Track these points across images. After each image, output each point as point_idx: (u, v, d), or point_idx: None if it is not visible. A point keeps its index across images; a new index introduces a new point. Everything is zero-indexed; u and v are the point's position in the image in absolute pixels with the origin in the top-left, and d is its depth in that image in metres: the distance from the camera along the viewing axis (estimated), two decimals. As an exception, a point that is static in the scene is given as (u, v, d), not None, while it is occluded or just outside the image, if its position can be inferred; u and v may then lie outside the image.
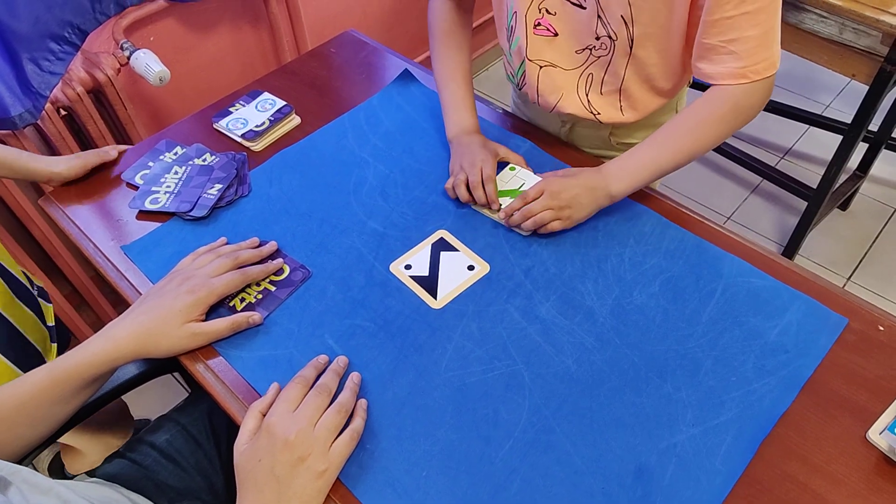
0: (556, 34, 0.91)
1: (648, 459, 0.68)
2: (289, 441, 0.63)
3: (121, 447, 0.92)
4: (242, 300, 0.83)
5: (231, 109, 1.11)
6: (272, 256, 0.88)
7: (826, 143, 2.20)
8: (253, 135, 1.05)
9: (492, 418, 0.72)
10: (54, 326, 1.07)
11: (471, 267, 0.86)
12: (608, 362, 0.76)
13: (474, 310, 0.82)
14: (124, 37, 1.38)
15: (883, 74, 1.45)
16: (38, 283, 1.10)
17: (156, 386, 0.92)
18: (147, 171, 1.01)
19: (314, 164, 1.02)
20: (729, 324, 0.79)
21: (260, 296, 0.84)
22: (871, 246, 1.99)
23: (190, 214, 0.93)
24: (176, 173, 0.99)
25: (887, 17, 1.34)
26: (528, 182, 0.94)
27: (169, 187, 0.97)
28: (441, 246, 0.89)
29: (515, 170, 0.96)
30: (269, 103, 1.11)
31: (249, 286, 0.84)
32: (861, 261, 1.95)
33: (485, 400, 0.73)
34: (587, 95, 0.96)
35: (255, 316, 0.80)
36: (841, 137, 1.62)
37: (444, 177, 0.98)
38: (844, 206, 2.07)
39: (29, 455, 0.75)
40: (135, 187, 0.99)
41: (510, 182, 0.95)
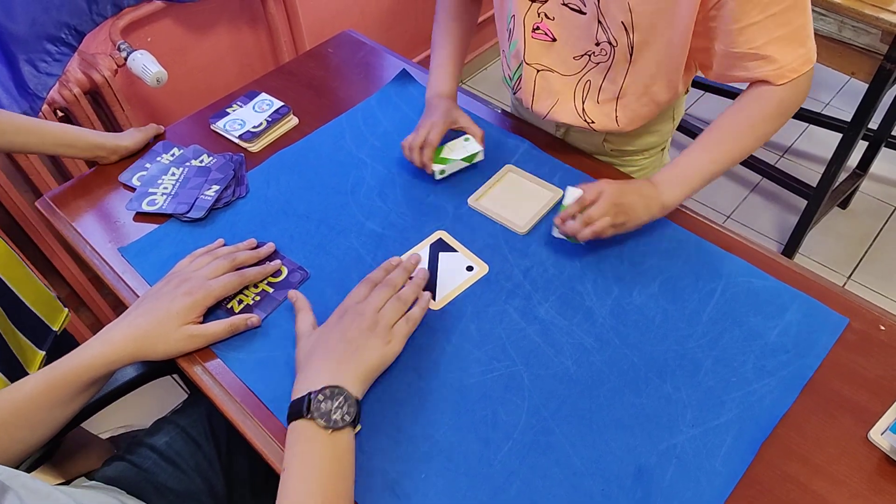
0: (555, 39, 0.90)
1: (648, 460, 0.68)
2: (361, 313, 0.72)
3: (120, 449, 0.91)
4: (240, 302, 0.83)
5: (228, 110, 1.10)
6: (270, 258, 0.88)
7: (826, 142, 2.20)
8: (250, 136, 1.05)
9: (491, 419, 0.72)
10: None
11: (469, 268, 0.86)
12: (607, 363, 0.76)
13: (473, 311, 0.82)
14: (121, 38, 1.38)
15: (882, 72, 1.44)
16: (56, 328, 1.08)
17: (155, 388, 0.92)
18: (144, 173, 1.00)
19: (312, 165, 1.01)
20: (729, 324, 0.79)
21: (258, 297, 0.83)
22: (872, 244, 1.99)
23: (187, 216, 0.93)
24: (173, 175, 0.99)
25: (887, 15, 1.33)
26: (470, 150, 0.96)
27: (166, 189, 0.97)
28: (440, 247, 0.89)
29: (469, 140, 0.97)
30: (267, 104, 1.10)
31: (247, 288, 0.84)
32: (861, 259, 1.95)
33: (484, 401, 0.73)
34: (583, 103, 0.95)
35: (254, 318, 0.80)
36: (840, 136, 1.62)
37: (444, 178, 0.98)
38: (844, 205, 2.07)
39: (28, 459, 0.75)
40: (132, 189, 0.99)
41: (455, 151, 0.96)
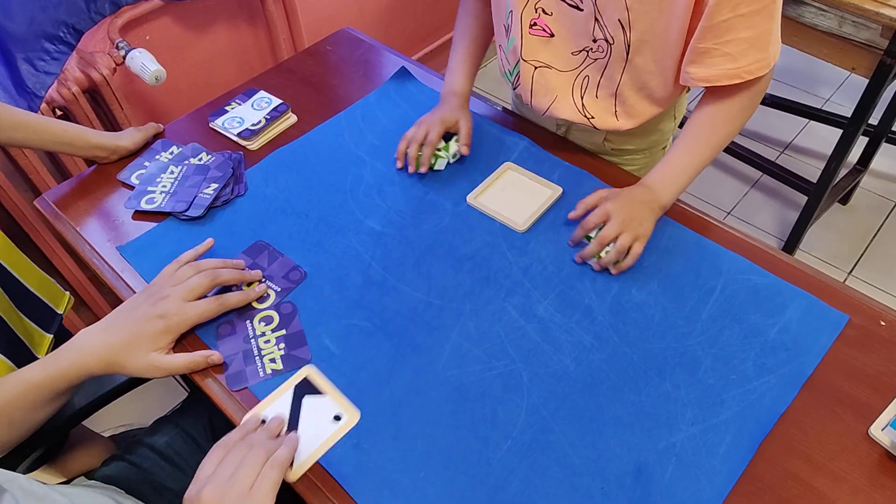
0: (553, 35, 0.90)
1: (648, 459, 0.68)
2: (202, 496, 0.59)
3: (119, 448, 0.91)
4: (272, 360, 0.78)
5: (227, 108, 1.10)
6: (271, 262, 0.87)
7: (826, 137, 2.19)
8: (249, 133, 1.05)
9: (490, 418, 0.71)
10: None
11: (337, 417, 0.71)
12: (607, 361, 0.76)
13: (472, 309, 0.81)
14: (120, 36, 1.38)
15: (883, 67, 1.44)
16: (61, 311, 1.08)
17: (155, 386, 0.92)
18: (143, 171, 1.00)
19: (311, 163, 1.01)
20: (728, 321, 0.79)
21: (281, 353, 0.79)
22: (872, 240, 1.98)
23: (186, 214, 0.93)
24: (172, 173, 0.99)
25: (887, 10, 1.33)
26: (452, 148, 0.98)
27: (165, 187, 0.97)
28: (305, 389, 0.74)
29: (452, 140, 0.99)
30: (266, 102, 1.10)
31: (273, 345, 0.79)
32: (862, 255, 1.94)
33: (483, 400, 0.73)
34: (582, 98, 0.95)
35: (214, 356, 0.76)
36: (841, 131, 1.61)
37: (443, 175, 0.98)
38: (845, 201, 2.06)
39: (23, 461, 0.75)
40: (130, 187, 0.98)
41: (441, 150, 0.99)
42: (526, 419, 0.71)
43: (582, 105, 0.95)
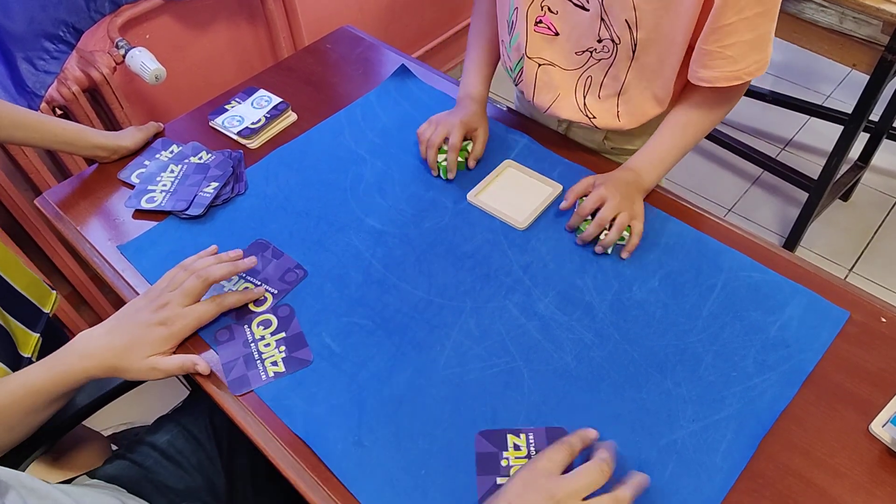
0: (557, 34, 0.90)
1: (648, 456, 0.68)
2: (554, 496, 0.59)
3: (121, 446, 0.92)
4: (274, 363, 0.78)
5: (227, 107, 1.10)
6: (265, 267, 0.87)
7: (827, 134, 2.19)
8: (249, 132, 1.05)
9: (490, 416, 0.71)
10: (30, 358, 1.03)
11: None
12: (607, 358, 0.76)
13: (472, 307, 0.81)
14: (119, 35, 1.38)
15: (884, 64, 1.43)
16: (48, 310, 1.08)
17: (156, 384, 0.92)
18: (143, 170, 1.00)
19: (311, 162, 1.01)
20: (729, 318, 0.79)
21: (283, 355, 0.79)
22: (874, 236, 1.98)
23: (186, 213, 0.93)
24: (172, 172, 0.99)
25: (888, 6, 1.32)
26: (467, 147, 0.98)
27: (165, 186, 0.97)
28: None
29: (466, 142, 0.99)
30: (265, 100, 1.10)
31: (272, 348, 0.79)
32: (863, 251, 1.94)
33: (484, 397, 0.73)
34: (584, 98, 0.95)
35: (200, 366, 0.75)
36: (842, 128, 1.61)
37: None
38: (846, 197, 2.06)
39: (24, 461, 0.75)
40: (131, 186, 0.98)
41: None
42: (527, 416, 0.71)
43: (584, 105, 0.95)
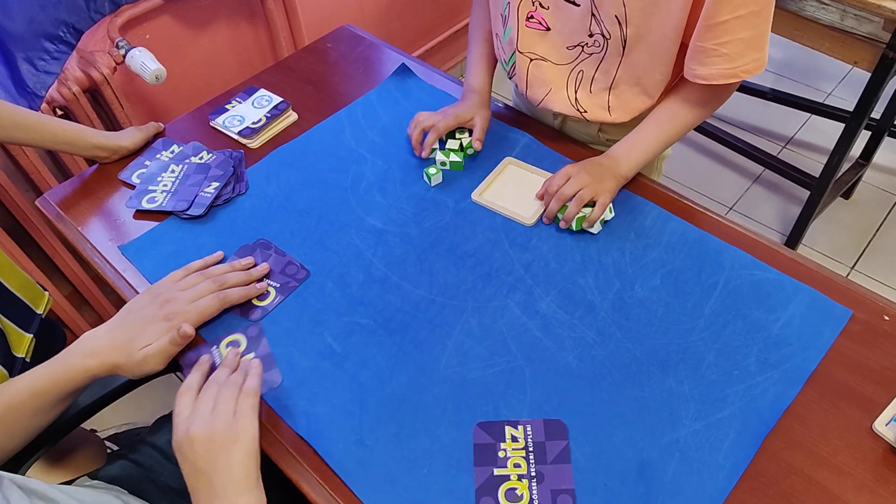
0: (549, 29, 0.91)
1: (651, 455, 0.68)
2: (192, 436, 0.63)
3: (122, 447, 0.92)
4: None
5: (227, 107, 1.10)
6: (268, 260, 0.87)
7: (828, 132, 2.18)
8: (250, 132, 1.05)
9: (492, 415, 0.71)
10: (23, 358, 1.03)
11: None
12: (609, 357, 0.76)
13: (474, 306, 0.81)
14: (120, 35, 1.37)
15: (885, 61, 1.43)
16: (40, 311, 1.08)
17: (157, 385, 0.92)
18: (144, 170, 1.00)
19: (312, 161, 1.01)
20: (731, 317, 0.78)
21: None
22: (875, 234, 1.98)
23: (187, 213, 0.93)
24: (173, 172, 0.99)
25: (889, 3, 1.32)
26: (462, 140, 1.00)
27: (166, 186, 0.97)
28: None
29: (464, 134, 1.01)
30: (266, 100, 1.10)
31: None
32: (865, 249, 1.94)
33: (485, 397, 0.73)
34: (576, 92, 0.95)
35: (184, 327, 0.74)
36: (843, 125, 1.60)
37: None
38: (847, 195, 2.06)
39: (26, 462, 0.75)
40: (132, 186, 0.98)
41: (448, 142, 0.99)
42: (528, 415, 0.71)
43: (575, 99, 0.96)
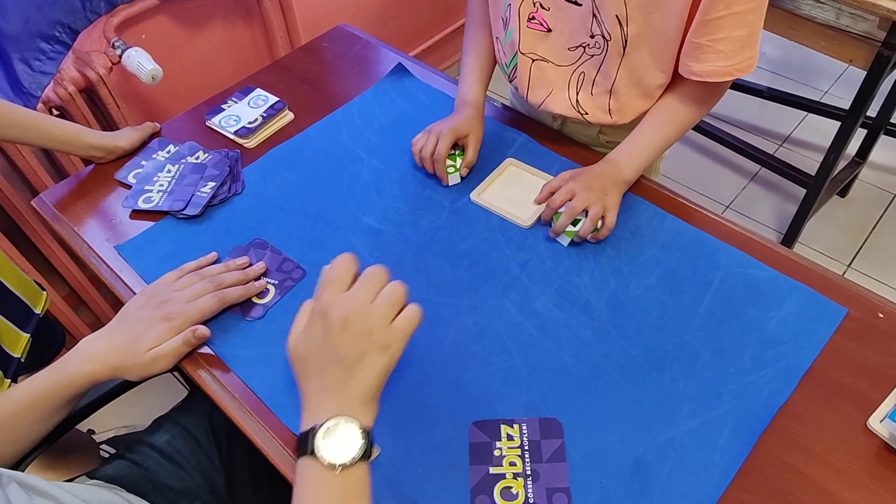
0: (550, 30, 0.91)
1: (646, 453, 0.68)
2: (347, 318, 0.57)
3: (121, 447, 0.91)
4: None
5: (223, 106, 1.10)
6: (266, 259, 0.88)
7: (824, 130, 2.19)
8: (246, 131, 1.05)
9: (488, 414, 0.71)
10: (19, 359, 1.04)
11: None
12: (605, 355, 0.76)
13: (470, 305, 0.81)
14: (116, 35, 1.37)
15: (880, 59, 1.43)
16: (38, 311, 1.08)
17: (156, 387, 0.92)
18: (140, 170, 1.00)
19: (308, 161, 1.01)
20: (727, 315, 0.79)
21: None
22: (871, 232, 1.98)
23: (183, 213, 0.93)
24: (169, 171, 0.99)
25: (884, 2, 1.32)
26: (456, 164, 0.97)
27: (162, 186, 0.97)
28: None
29: (456, 160, 0.97)
30: (262, 99, 1.10)
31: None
32: (861, 247, 1.94)
33: (481, 395, 0.73)
34: (577, 94, 0.95)
35: (199, 329, 0.76)
36: (839, 124, 1.61)
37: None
38: (844, 193, 2.06)
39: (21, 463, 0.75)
40: (128, 186, 0.98)
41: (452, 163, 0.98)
42: (525, 414, 0.71)
43: (576, 101, 0.96)
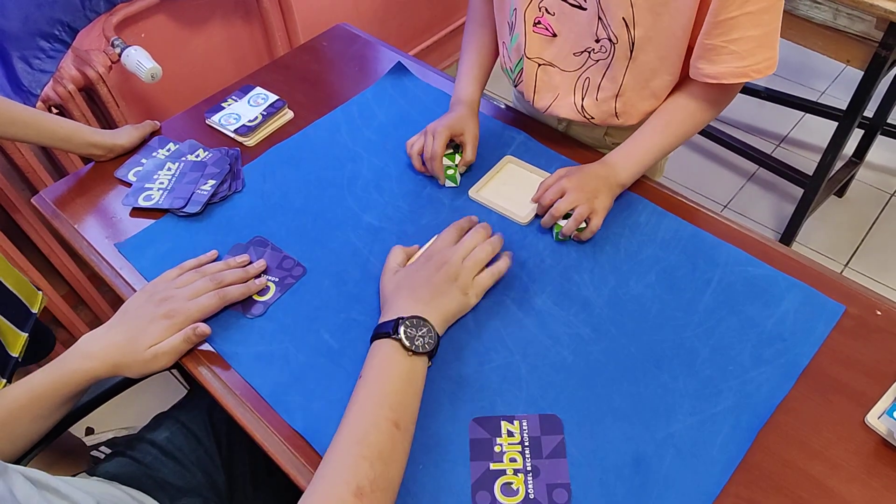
0: (555, 35, 0.90)
1: (646, 450, 0.68)
2: (444, 262, 0.77)
3: (121, 445, 0.92)
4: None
5: (223, 105, 1.10)
6: (267, 259, 0.88)
7: (822, 130, 2.19)
8: (246, 130, 1.05)
9: (488, 410, 0.72)
10: (17, 358, 1.04)
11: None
12: (605, 353, 0.76)
13: (470, 302, 0.82)
14: (115, 34, 1.38)
15: (878, 60, 1.44)
16: (35, 311, 1.08)
17: (155, 387, 0.92)
18: (140, 168, 1.00)
19: (308, 159, 1.01)
20: (725, 313, 0.79)
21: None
22: (868, 232, 1.99)
23: (183, 211, 0.93)
24: (169, 169, 0.99)
25: (881, 2, 1.33)
26: (456, 159, 0.97)
27: (162, 184, 0.97)
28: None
29: (452, 160, 0.97)
30: (262, 98, 1.10)
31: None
32: (858, 247, 1.95)
33: (481, 392, 0.73)
34: (583, 100, 0.95)
35: (200, 327, 0.76)
36: (836, 124, 1.62)
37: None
38: (841, 193, 2.07)
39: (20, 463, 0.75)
40: (128, 184, 0.98)
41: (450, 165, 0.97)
42: (524, 411, 0.71)
43: (581, 107, 0.96)
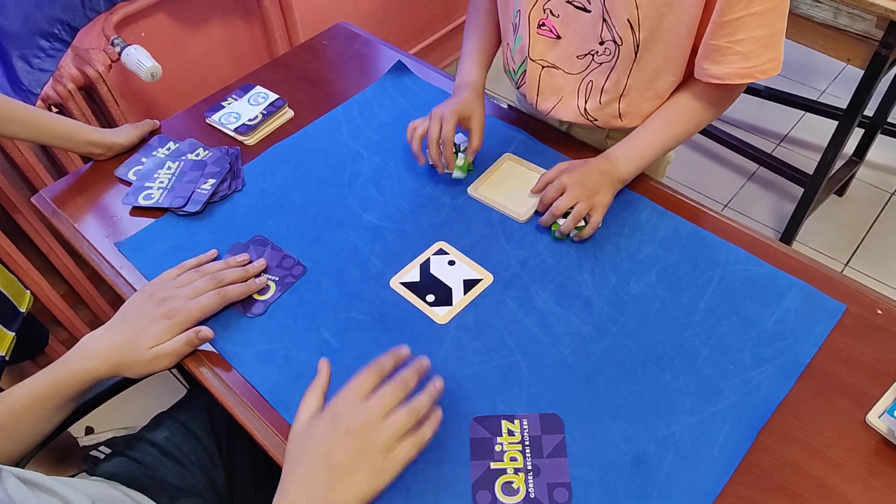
0: (559, 37, 0.90)
1: (646, 448, 0.68)
2: (352, 430, 0.59)
3: (120, 445, 0.92)
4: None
5: (223, 104, 1.10)
6: (266, 256, 0.88)
7: (822, 129, 2.19)
8: (246, 129, 1.05)
9: (489, 409, 0.72)
10: (3, 357, 1.04)
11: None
12: (605, 352, 0.76)
13: (470, 302, 0.82)
14: (115, 33, 1.37)
15: (878, 59, 1.44)
16: (23, 310, 1.07)
17: (155, 387, 0.92)
18: (140, 167, 1.00)
19: (308, 158, 1.01)
20: (726, 312, 0.79)
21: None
22: (869, 231, 1.99)
23: (183, 210, 0.93)
24: (169, 168, 0.99)
25: (882, 1, 1.33)
26: (460, 161, 0.94)
27: (162, 183, 0.97)
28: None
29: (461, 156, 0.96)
30: (262, 97, 1.10)
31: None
32: (858, 246, 1.95)
33: (482, 391, 0.73)
34: (585, 103, 0.95)
35: (203, 331, 0.77)
36: (837, 123, 1.61)
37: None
38: (841, 192, 2.07)
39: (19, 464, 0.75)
40: (128, 183, 0.98)
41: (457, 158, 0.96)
42: (525, 410, 0.71)
43: (584, 110, 0.96)
